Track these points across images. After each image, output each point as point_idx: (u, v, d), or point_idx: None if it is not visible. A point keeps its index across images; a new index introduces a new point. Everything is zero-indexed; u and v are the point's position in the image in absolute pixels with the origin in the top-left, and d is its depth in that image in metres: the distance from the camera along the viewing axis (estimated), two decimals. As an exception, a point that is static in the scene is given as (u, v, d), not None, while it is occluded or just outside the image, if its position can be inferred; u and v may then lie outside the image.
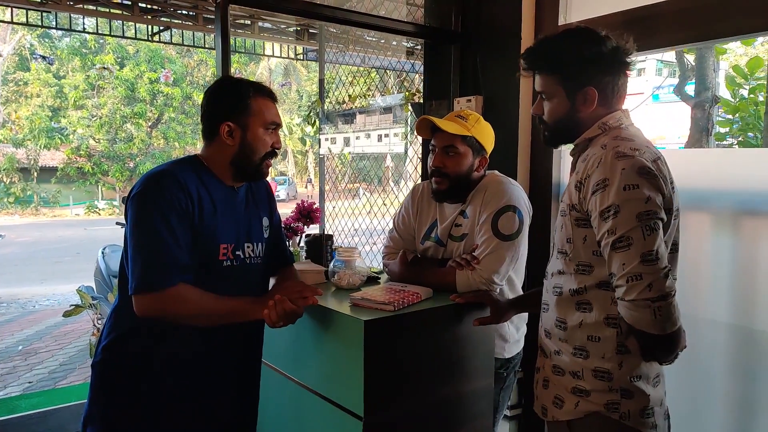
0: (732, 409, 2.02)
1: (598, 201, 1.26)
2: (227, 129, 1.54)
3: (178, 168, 1.52)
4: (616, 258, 1.22)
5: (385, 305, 1.59)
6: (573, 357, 1.38)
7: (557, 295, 1.43)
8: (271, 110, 1.59)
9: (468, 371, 1.76)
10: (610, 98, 1.39)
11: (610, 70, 1.38)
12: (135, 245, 1.43)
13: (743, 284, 1.95)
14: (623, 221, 1.21)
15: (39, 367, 5.00)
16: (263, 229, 1.70)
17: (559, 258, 1.43)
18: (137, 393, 1.51)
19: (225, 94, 1.58)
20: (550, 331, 1.45)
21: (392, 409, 1.58)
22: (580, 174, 1.33)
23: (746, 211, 1.97)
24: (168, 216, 1.43)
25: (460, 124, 1.87)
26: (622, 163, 1.24)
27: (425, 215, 2.04)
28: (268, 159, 1.61)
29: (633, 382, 1.32)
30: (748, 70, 6.21)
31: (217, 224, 1.53)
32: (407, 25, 2.78)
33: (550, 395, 1.44)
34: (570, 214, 1.37)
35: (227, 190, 1.60)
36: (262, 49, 7.97)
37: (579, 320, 1.37)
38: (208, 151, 1.59)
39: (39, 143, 19.81)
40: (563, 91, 1.40)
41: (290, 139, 25.59)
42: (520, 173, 2.53)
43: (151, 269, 1.41)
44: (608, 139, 1.33)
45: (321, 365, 1.69)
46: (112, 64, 19.53)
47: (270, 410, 1.91)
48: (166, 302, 1.42)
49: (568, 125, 1.42)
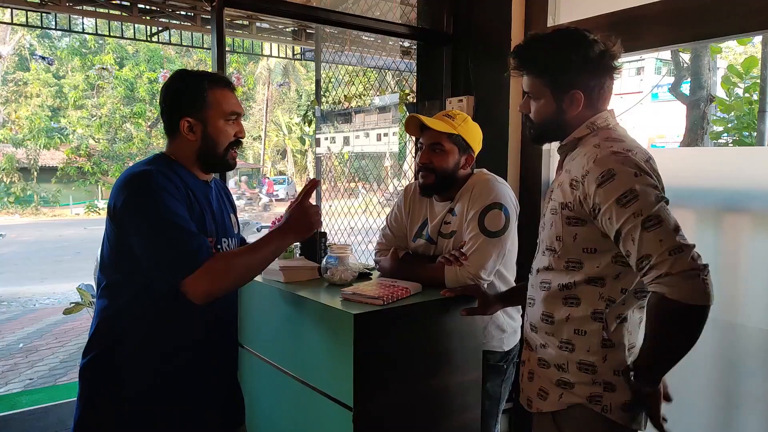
0: (716, 404, 2.07)
1: (609, 191, 1.26)
2: (187, 125, 1.51)
3: (155, 165, 1.49)
4: (651, 237, 1.20)
5: (375, 299, 1.64)
6: (559, 350, 1.42)
7: (545, 290, 1.46)
8: (229, 100, 1.56)
9: (456, 364, 1.81)
10: (595, 100, 1.42)
11: (596, 74, 1.41)
12: (153, 243, 1.39)
13: (731, 280, 2.00)
14: (647, 203, 1.22)
15: (40, 364, 5.05)
16: (234, 225, 1.72)
17: (547, 255, 1.46)
18: (127, 399, 1.48)
19: (181, 90, 1.54)
20: (536, 325, 1.49)
21: (381, 399, 1.63)
22: (575, 172, 1.35)
23: (738, 208, 2.02)
24: (170, 203, 1.40)
25: (447, 123, 1.93)
26: (622, 159, 1.28)
27: (417, 214, 2.09)
28: (233, 149, 1.59)
29: (616, 376, 1.36)
30: (743, 69, 6.26)
31: (203, 218, 1.53)
32: (400, 27, 2.83)
33: (535, 387, 1.48)
34: (561, 212, 1.39)
35: (202, 184, 1.59)
36: (260, 49, 8.01)
37: (566, 314, 1.40)
38: (173, 148, 1.57)
39: (39, 143, 19.86)
40: (550, 93, 1.43)
41: (289, 139, 25.65)
42: (510, 172, 2.58)
43: (180, 253, 1.37)
44: (600, 140, 1.36)
45: (312, 357, 1.74)
46: (111, 64, 19.57)
47: (262, 401, 1.96)
48: (212, 276, 1.38)
49: (554, 125, 1.46)
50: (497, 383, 2.00)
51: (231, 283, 1.46)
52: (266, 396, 1.96)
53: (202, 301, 1.38)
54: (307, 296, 1.76)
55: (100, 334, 1.51)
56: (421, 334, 1.72)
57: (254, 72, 25.37)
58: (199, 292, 1.37)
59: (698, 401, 2.09)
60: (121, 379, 1.48)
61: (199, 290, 1.37)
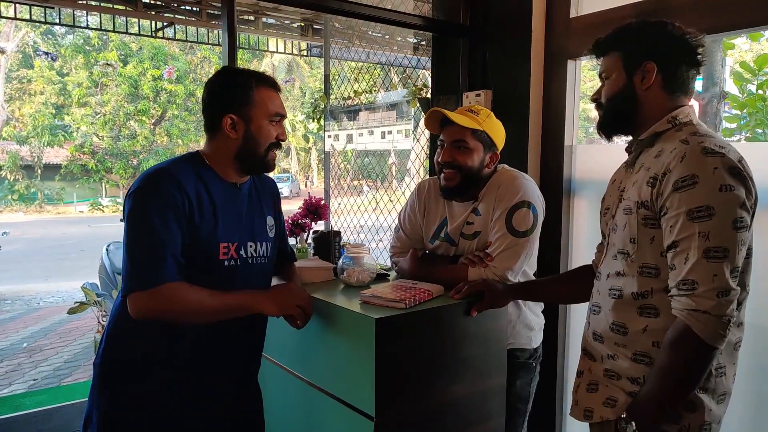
0: (749, 412, 1.98)
1: (684, 199, 1.17)
2: (230, 122, 1.49)
3: (177, 166, 1.48)
4: (708, 267, 1.14)
5: (397, 303, 1.56)
6: (633, 362, 1.31)
7: (615, 297, 1.35)
8: (275, 101, 1.55)
9: (481, 369, 1.72)
10: (673, 84, 1.32)
11: (672, 52, 1.31)
12: (129, 243, 1.40)
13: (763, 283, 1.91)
14: (720, 228, 1.14)
15: (44, 364, 4.98)
16: (268, 228, 1.66)
17: (619, 258, 1.35)
18: (140, 394, 1.48)
19: (227, 86, 1.53)
20: (603, 334, 1.38)
21: (404, 408, 1.55)
22: (655, 169, 1.25)
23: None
24: (164, 214, 1.39)
25: (471, 118, 1.83)
26: (712, 161, 1.17)
27: (433, 213, 1.99)
28: (273, 151, 1.57)
29: (698, 394, 1.25)
30: (756, 65, 6.15)
31: (218, 223, 1.49)
32: (415, 18, 2.74)
33: (600, 398, 1.37)
34: (638, 212, 1.29)
35: (229, 187, 1.56)
36: (265, 45, 7.93)
37: (643, 325, 1.30)
38: (211, 146, 1.55)
39: (43, 140, 19.80)
40: (621, 66, 1.35)
41: (293, 136, 25.58)
42: (530, 169, 2.49)
43: (144, 267, 1.37)
44: (687, 134, 1.25)
45: (331, 364, 1.66)
46: (116, 60, 19.51)
47: (279, 409, 1.87)
48: (160, 300, 1.37)
49: (625, 104, 1.35)
50: (527, 381, 1.93)
51: (172, 315, 1.42)
52: (282, 404, 1.87)
53: (135, 317, 1.39)
54: (323, 299, 1.68)
55: (116, 324, 1.51)
56: (444, 338, 1.63)
57: (258, 69, 25.25)
58: (135, 309, 1.38)
59: (731, 409, 1.99)
60: (135, 372, 1.48)
61: (135, 307, 1.38)
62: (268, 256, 1.65)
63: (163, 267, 1.37)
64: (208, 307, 1.43)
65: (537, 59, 2.47)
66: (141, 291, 1.37)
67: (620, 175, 1.45)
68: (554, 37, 2.46)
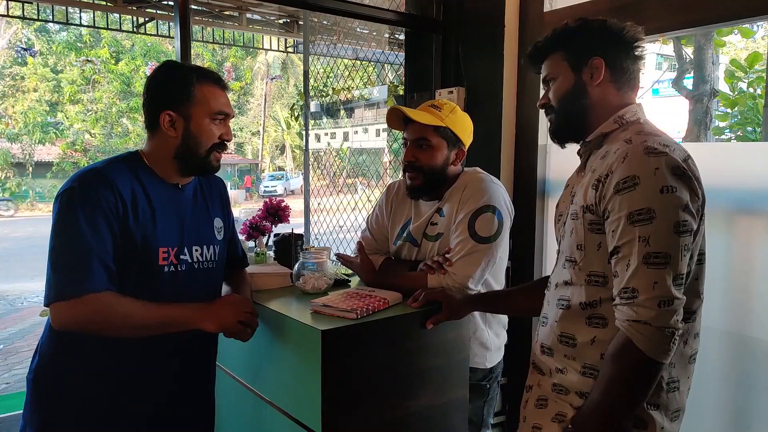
0: (725, 423, 1.91)
1: (625, 201, 1.11)
2: (168, 119, 1.40)
3: (111, 166, 1.39)
4: (648, 274, 1.07)
5: (348, 312, 1.47)
6: (582, 376, 1.23)
7: (563, 308, 1.28)
8: (218, 99, 1.45)
9: (440, 382, 1.63)
10: (620, 79, 1.26)
11: (616, 45, 1.26)
12: (53, 248, 1.31)
13: (741, 289, 1.82)
14: (661, 232, 1.08)
15: (18, 367, 4.88)
16: (216, 231, 1.57)
17: (567, 267, 1.28)
18: (76, 411, 1.39)
19: (166, 81, 1.43)
20: (552, 347, 1.30)
21: (353, 425, 1.46)
22: (600, 171, 1.19)
23: (743, 209, 1.85)
24: (93, 217, 1.30)
25: (433, 114, 1.74)
26: (655, 161, 1.10)
27: (399, 214, 1.91)
28: (217, 151, 1.47)
29: (649, 410, 1.18)
30: (746, 63, 6.08)
31: (156, 226, 1.40)
32: (387, 13, 2.65)
33: (550, 413, 1.29)
34: (584, 217, 1.22)
35: (169, 188, 1.46)
36: (253, 42, 7.82)
37: (591, 336, 1.22)
38: (150, 145, 1.46)
39: (34, 138, 19.68)
40: (567, 65, 1.28)
41: (288, 134, 25.48)
42: (503, 169, 2.41)
43: (68, 275, 1.28)
44: (631, 134, 1.20)
45: (280, 377, 1.57)
46: (107, 58, 19.38)
47: (228, 421, 1.79)
48: (83, 311, 1.28)
49: (578, 103, 1.28)
50: (479, 405, 1.82)
51: (97, 327, 1.32)
52: (231, 415, 1.79)
53: (58, 329, 1.31)
54: (274, 308, 1.59)
55: (50, 337, 1.41)
56: (400, 350, 1.54)
57: (252, 66, 25.16)
58: (56, 320, 1.30)
59: (706, 421, 1.91)
60: (73, 389, 1.39)
61: (56, 318, 1.29)
62: (217, 260, 1.56)
63: (88, 275, 1.28)
64: (138, 321, 1.33)
65: (510, 55, 2.39)
66: (63, 301, 1.27)
67: (573, 179, 1.38)
68: (528, 33, 2.37)
